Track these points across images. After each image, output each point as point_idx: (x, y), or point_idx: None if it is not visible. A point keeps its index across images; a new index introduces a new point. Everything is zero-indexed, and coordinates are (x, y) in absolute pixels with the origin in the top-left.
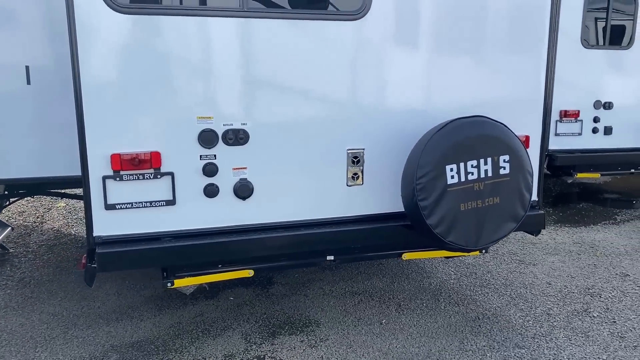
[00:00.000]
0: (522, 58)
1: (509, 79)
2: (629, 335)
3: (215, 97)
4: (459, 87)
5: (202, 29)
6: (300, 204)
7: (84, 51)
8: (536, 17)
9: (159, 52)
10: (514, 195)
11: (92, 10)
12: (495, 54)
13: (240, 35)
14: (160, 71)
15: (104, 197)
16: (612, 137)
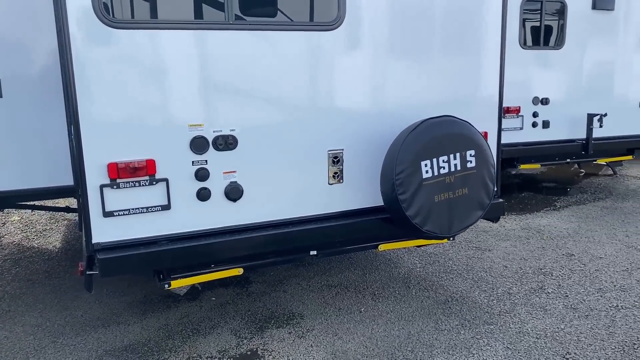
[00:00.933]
0: (480, 61)
1: (470, 80)
2: (581, 307)
3: (205, 105)
4: (426, 89)
5: (190, 42)
6: (286, 203)
7: (78, 65)
8: (490, 22)
9: (151, 65)
10: (480, 186)
11: (85, 25)
12: (457, 57)
13: (227, 47)
14: (152, 82)
15: (102, 204)
16: (549, 130)
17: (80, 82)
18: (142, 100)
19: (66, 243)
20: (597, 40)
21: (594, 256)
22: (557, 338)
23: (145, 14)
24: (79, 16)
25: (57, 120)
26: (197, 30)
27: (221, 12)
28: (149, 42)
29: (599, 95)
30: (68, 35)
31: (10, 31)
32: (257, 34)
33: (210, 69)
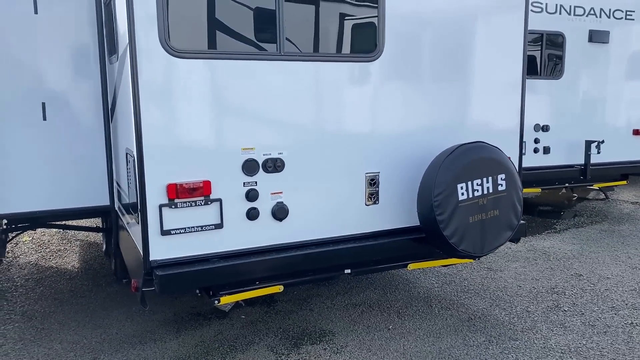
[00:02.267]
0: (505, 91)
1: (496, 108)
2: (598, 324)
3: (257, 130)
4: (456, 116)
5: (243, 71)
6: (326, 222)
7: (144, 90)
8: (514, 56)
9: (208, 92)
10: (509, 208)
11: (152, 55)
12: (485, 87)
13: (277, 76)
14: (209, 108)
15: (160, 223)
16: (550, 156)
17: (145, 104)
18: (200, 125)
19: (84, 263)
20: (593, 71)
21: (601, 276)
22: (581, 353)
23: (204, 45)
24: (146, 46)
25: (94, 144)
26: (251, 60)
27: (273, 44)
28: (207, 71)
29: (596, 122)
30: (136, 63)
31: (54, 61)
32: (304, 64)
33: (261, 96)
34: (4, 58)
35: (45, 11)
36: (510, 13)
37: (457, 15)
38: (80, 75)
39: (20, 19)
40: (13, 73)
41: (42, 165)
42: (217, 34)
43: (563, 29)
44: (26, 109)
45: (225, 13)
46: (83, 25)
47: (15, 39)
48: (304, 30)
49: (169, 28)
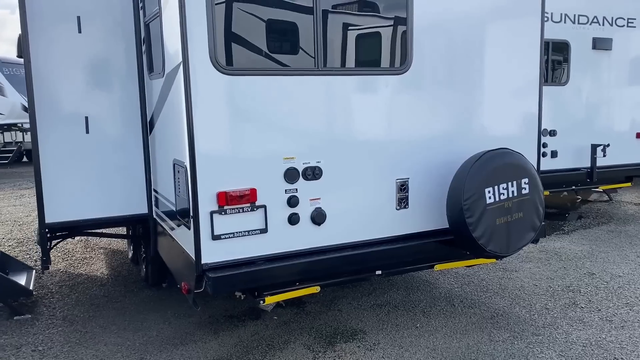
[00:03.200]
0: (524, 101)
1: (517, 116)
2: (615, 319)
3: (297, 140)
4: (480, 124)
5: (285, 86)
6: (360, 226)
7: (196, 106)
8: (532, 68)
9: (254, 105)
10: (532, 210)
11: (203, 72)
12: (506, 99)
13: (315, 89)
14: (254, 120)
15: (211, 229)
16: (557, 160)
17: (198, 118)
18: (246, 137)
19: (112, 270)
20: (597, 77)
21: (613, 274)
22: (602, 346)
23: (249, 63)
24: (198, 65)
25: (132, 155)
26: (292, 76)
27: (312, 60)
28: (252, 86)
29: (601, 127)
30: (189, 81)
31: (96, 77)
32: (339, 78)
33: (301, 108)
34: (51, 74)
35: (88, 30)
36: (526, 23)
37: (475, 29)
38: (119, 91)
39: (66, 38)
40: (59, 88)
41: (84, 176)
42: (261, 52)
43: (568, 37)
44: (71, 122)
45: (268, 33)
46: (122, 44)
47: (62, 56)
48: (340, 48)
49: (218, 48)
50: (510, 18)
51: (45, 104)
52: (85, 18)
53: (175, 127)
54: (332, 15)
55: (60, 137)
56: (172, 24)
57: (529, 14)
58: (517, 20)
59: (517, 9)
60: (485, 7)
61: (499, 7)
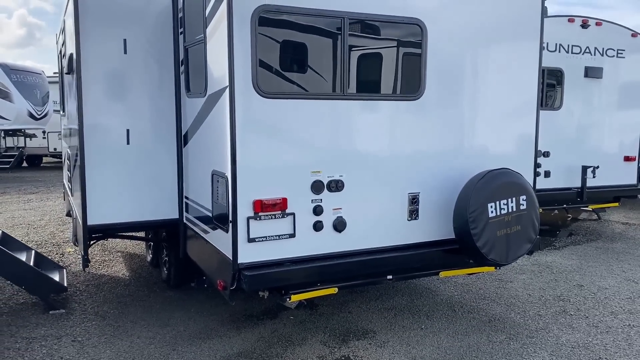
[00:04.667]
0: (524, 124)
1: (517, 138)
2: (601, 325)
3: (323, 155)
4: (483, 146)
5: (315, 108)
6: (375, 234)
7: (239, 124)
8: (531, 95)
9: (287, 124)
10: (529, 224)
11: (246, 96)
12: (506, 123)
13: (340, 112)
14: (287, 138)
15: (247, 232)
16: (550, 179)
17: (240, 135)
18: (280, 152)
19: (132, 272)
20: (588, 103)
21: (600, 287)
22: (588, 347)
23: (284, 88)
24: (242, 89)
25: (166, 165)
26: (320, 100)
27: (337, 85)
28: (286, 108)
29: (591, 149)
30: (234, 103)
31: (137, 93)
32: (361, 103)
33: (327, 128)
34: (99, 89)
35: (132, 52)
36: (526, 49)
37: (480, 58)
38: (158, 107)
39: (113, 58)
40: (105, 103)
41: (123, 183)
42: (294, 79)
43: (562, 65)
44: (114, 134)
45: (301, 63)
46: (162, 65)
47: (109, 73)
48: (362, 77)
49: (259, 75)
50: (512, 46)
51: (92, 117)
52: (131, 41)
53: (216, 141)
54: (355, 50)
55: (105, 147)
56: (218, 52)
57: (528, 40)
58: (518, 47)
59: (518, 35)
60: (489, 38)
61: (501, 36)
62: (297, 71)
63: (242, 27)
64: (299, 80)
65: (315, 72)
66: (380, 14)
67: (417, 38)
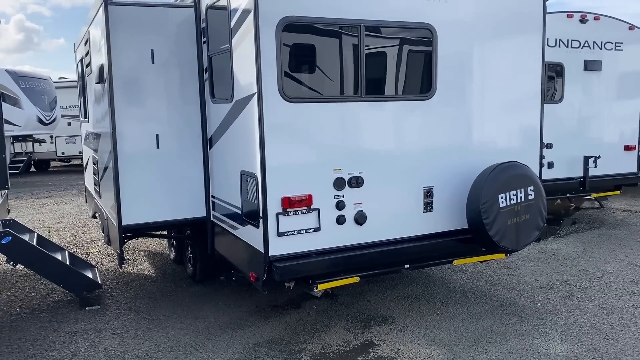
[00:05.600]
0: (529, 118)
1: (523, 132)
2: (606, 306)
3: (344, 154)
4: (492, 140)
5: (335, 110)
6: (393, 226)
7: (268, 126)
8: (535, 89)
9: (310, 126)
10: (537, 213)
11: (273, 101)
12: (515, 115)
13: (359, 113)
14: (310, 138)
15: (277, 227)
16: (553, 170)
17: (268, 138)
18: (304, 152)
19: (157, 269)
20: (588, 96)
21: (604, 271)
22: (595, 326)
23: (307, 93)
24: (269, 95)
25: (193, 167)
26: (340, 102)
27: (355, 88)
28: (309, 111)
29: (592, 140)
30: (262, 107)
31: (165, 99)
32: (378, 104)
33: (347, 128)
34: (129, 97)
35: (160, 61)
36: (529, 41)
37: (486, 56)
38: (184, 112)
39: (142, 67)
40: (135, 109)
41: (153, 185)
42: (316, 84)
43: (562, 59)
44: (145, 139)
45: (322, 69)
46: (187, 72)
47: (138, 82)
48: (378, 80)
49: (284, 82)
50: (516, 43)
51: (123, 123)
52: (158, 50)
53: (245, 143)
54: (371, 55)
55: (136, 152)
56: (245, 61)
57: (531, 37)
58: (522, 44)
59: (521, 33)
60: (494, 38)
61: (506, 35)
62: (318, 76)
63: (268, 37)
64: (320, 84)
65: (334, 76)
66: (393, 21)
67: (427, 42)
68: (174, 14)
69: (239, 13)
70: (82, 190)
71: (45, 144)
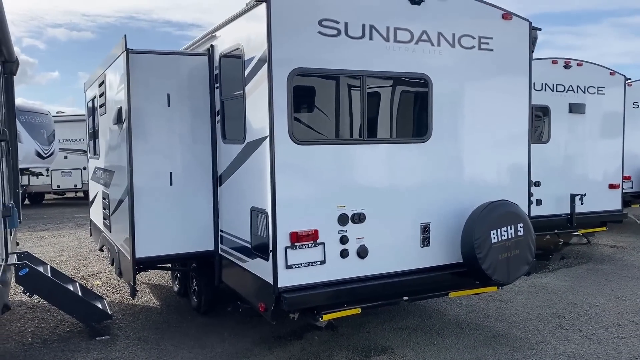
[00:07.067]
0: (517, 158)
1: (512, 171)
2: (593, 337)
3: (347, 192)
4: (484, 180)
5: (338, 152)
6: (393, 260)
7: (278, 167)
8: (522, 131)
9: (316, 166)
10: (526, 248)
11: (284, 144)
12: (504, 156)
13: (360, 154)
14: (316, 177)
15: (285, 260)
16: (542, 207)
17: (279, 177)
18: (311, 189)
19: (162, 301)
20: (573, 136)
21: (591, 304)
22: (583, 356)
23: (313, 136)
24: (281, 139)
25: (204, 203)
26: (343, 145)
27: (358, 131)
28: (316, 153)
29: (578, 178)
30: (274, 149)
31: (177, 139)
32: (379, 146)
33: (350, 168)
34: (146, 137)
35: (175, 104)
36: (516, 91)
37: (476, 101)
38: (196, 151)
39: (158, 110)
40: (151, 148)
41: (166, 220)
42: (322, 128)
43: (548, 102)
44: (160, 177)
45: (327, 115)
46: (200, 115)
47: (155, 123)
48: (378, 124)
49: (294, 126)
50: (505, 89)
51: (139, 162)
52: (173, 95)
53: (256, 181)
54: (373, 102)
55: (150, 188)
56: (257, 107)
57: (519, 83)
58: (510, 90)
59: (510, 80)
60: (484, 85)
61: (495, 82)
62: (324, 121)
63: (280, 86)
64: (326, 128)
65: (339, 121)
66: (392, 71)
67: (423, 90)
68: (188, 62)
69: (254, 63)
70: (79, 224)
71: (41, 177)
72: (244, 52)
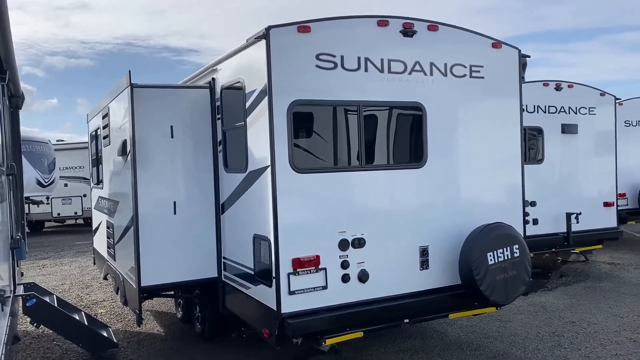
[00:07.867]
0: (510, 180)
1: (507, 193)
2: (592, 355)
3: (347, 217)
4: (480, 203)
5: (337, 179)
6: (393, 283)
7: (280, 195)
8: (515, 152)
9: (316, 193)
10: (523, 269)
11: (285, 173)
12: (499, 180)
13: (360, 181)
14: (316, 204)
15: (288, 286)
16: (538, 226)
17: (280, 204)
18: (312, 216)
19: (166, 328)
20: (567, 156)
21: (590, 322)
22: None
23: (313, 165)
24: (282, 168)
25: (207, 231)
26: (343, 172)
27: (356, 159)
28: (316, 180)
29: (573, 197)
30: (275, 178)
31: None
32: (378, 172)
33: (350, 194)
34: (155, 168)
35: (178, 136)
36: (507, 114)
37: (470, 126)
38: (199, 181)
39: (162, 142)
40: (156, 179)
41: (170, 248)
42: (320, 156)
43: (541, 124)
44: (164, 206)
45: (326, 145)
46: (202, 145)
47: (159, 156)
48: (376, 151)
49: (294, 156)
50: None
51: (144, 192)
52: (176, 126)
53: (258, 209)
54: (369, 130)
55: (155, 217)
56: (259, 137)
57: (510, 107)
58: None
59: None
60: (477, 110)
61: (487, 107)
62: (323, 149)
63: (280, 118)
64: (325, 156)
65: (337, 149)
66: (388, 100)
67: (418, 117)
68: (191, 94)
69: (255, 96)
70: (80, 251)
71: (41, 205)
72: (245, 85)
